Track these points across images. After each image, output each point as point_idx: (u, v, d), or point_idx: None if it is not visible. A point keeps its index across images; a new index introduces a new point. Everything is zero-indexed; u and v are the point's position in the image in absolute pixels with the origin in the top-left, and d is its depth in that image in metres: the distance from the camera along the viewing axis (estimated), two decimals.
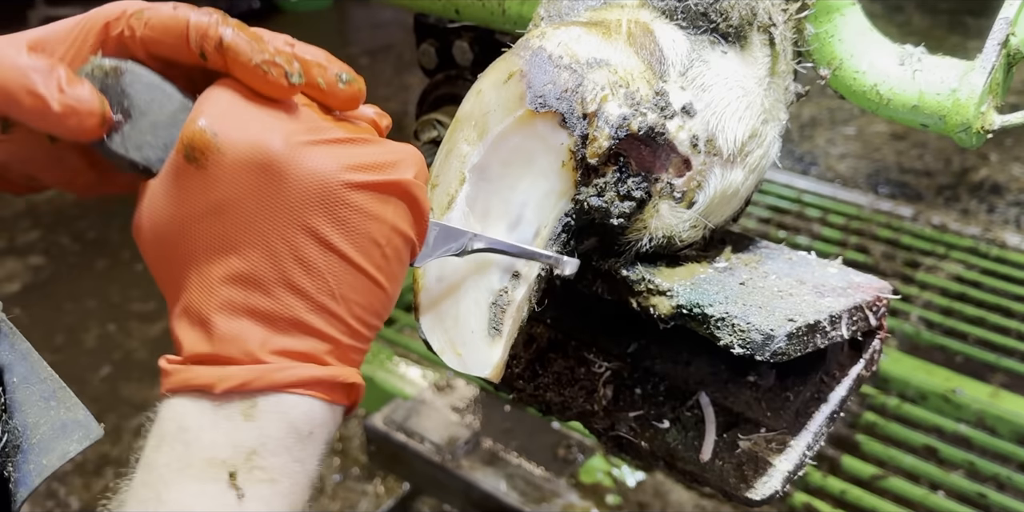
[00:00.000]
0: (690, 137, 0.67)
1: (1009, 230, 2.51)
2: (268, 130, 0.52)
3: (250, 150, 0.51)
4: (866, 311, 0.73)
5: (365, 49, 5.16)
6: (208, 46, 0.53)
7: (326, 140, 0.53)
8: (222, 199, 0.51)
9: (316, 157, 0.52)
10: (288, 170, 0.51)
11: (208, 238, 0.51)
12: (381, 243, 0.53)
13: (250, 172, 0.51)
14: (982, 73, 0.71)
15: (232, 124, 0.51)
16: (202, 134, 0.51)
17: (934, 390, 1.84)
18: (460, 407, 1.65)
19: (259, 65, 0.53)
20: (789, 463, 0.74)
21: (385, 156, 0.54)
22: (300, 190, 0.51)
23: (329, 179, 0.52)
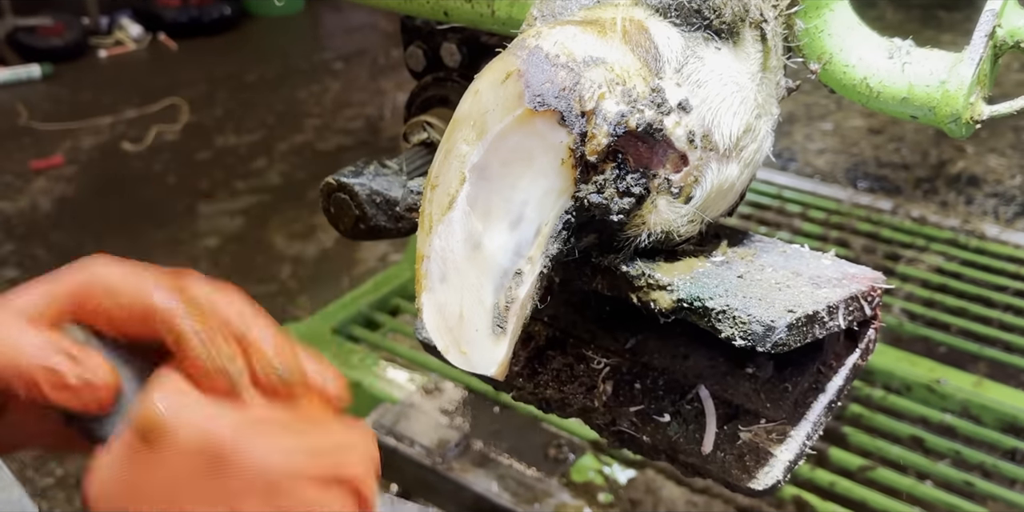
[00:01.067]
0: (687, 133, 0.68)
1: (987, 221, 2.54)
2: (218, 417, 0.54)
3: (199, 436, 0.53)
4: (861, 301, 0.74)
5: (339, 54, 5.15)
6: (167, 336, 0.55)
7: (272, 426, 0.55)
8: (168, 481, 0.53)
9: (266, 447, 0.53)
10: (235, 459, 0.53)
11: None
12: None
13: (197, 457, 0.53)
14: (970, 64, 0.72)
15: (183, 410, 0.53)
16: (155, 418, 0.53)
17: (918, 381, 1.86)
18: (449, 410, 1.65)
19: (209, 370, 0.55)
20: (790, 453, 0.74)
21: (333, 442, 0.56)
22: (242, 479, 0.53)
23: (274, 471, 0.53)
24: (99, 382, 0.54)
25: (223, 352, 0.56)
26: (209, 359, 0.55)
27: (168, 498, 0.53)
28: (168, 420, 0.53)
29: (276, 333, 0.59)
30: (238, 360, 0.56)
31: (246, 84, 4.77)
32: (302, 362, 0.59)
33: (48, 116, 4.41)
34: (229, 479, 0.52)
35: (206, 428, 0.53)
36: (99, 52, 5.23)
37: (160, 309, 0.55)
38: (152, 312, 0.55)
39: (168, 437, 0.53)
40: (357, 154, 3.86)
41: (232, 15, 5.50)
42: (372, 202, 0.91)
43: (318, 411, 0.60)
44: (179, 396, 0.54)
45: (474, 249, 0.66)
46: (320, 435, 0.57)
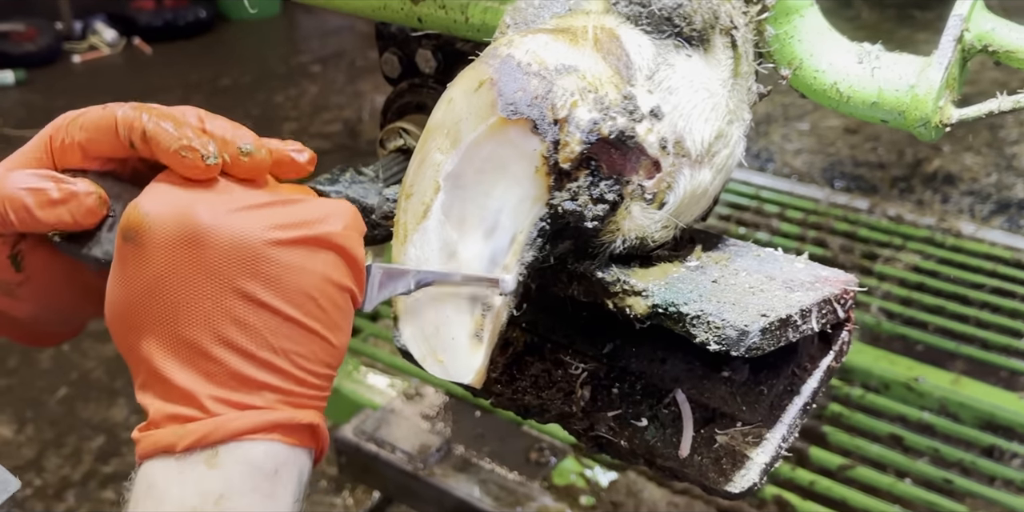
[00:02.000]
0: (659, 139, 0.68)
1: (963, 219, 2.56)
2: (193, 204, 0.56)
3: (175, 224, 0.55)
4: (834, 304, 0.74)
5: (316, 57, 5.13)
6: (135, 137, 0.58)
7: (249, 206, 0.57)
8: (157, 273, 0.55)
9: (238, 222, 0.56)
10: (211, 238, 0.55)
11: (151, 311, 0.56)
12: (314, 295, 0.56)
13: (178, 245, 0.55)
14: (939, 69, 0.73)
15: (162, 204, 0.56)
16: (136, 215, 0.55)
17: (897, 379, 1.88)
18: (430, 415, 1.65)
19: (178, 151, 0.57)
20: (766, 455, 0.75)
21: (310, 212, 0.58)
22: (225, 255, 0.55)
23: (252, 241, 0.55)
24: (82, 191, 0.58)
25: (186, 133, 0.58)
26: (174, 140, 0.57)
27: (159, 292, 0.55)
28: (144, 215, 0.55)
29: (234, 123, 0.62)
30: (209, 144, 0.58)
31: (222, 88, 4.75)
32: (263, 141, 0.62)
33: (21, 123, 4.37)
34: (211, 259, 0.54)
35: (180, 214, 0.55)
36: (73, 57, 5.20)
37: (122, 118, 0.59)
38: (116, 124, 0.59)
39: (147, 232, 0.55)
40: (336, 158, 3.84)
41: (207, 19, 5.47)
42: None
43: (297, 191, 0.63)
44: (161, 193, 0.57)
45: (449, 258, 0.67)
46: (295, 205, 0.59)
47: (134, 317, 0.56)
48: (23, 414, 2.45)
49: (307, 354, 0.57)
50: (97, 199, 0.59)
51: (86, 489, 2.19)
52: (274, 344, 0.55)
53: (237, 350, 0.55)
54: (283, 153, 0.64)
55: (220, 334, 0.55)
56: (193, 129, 0.59)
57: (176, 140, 0.58)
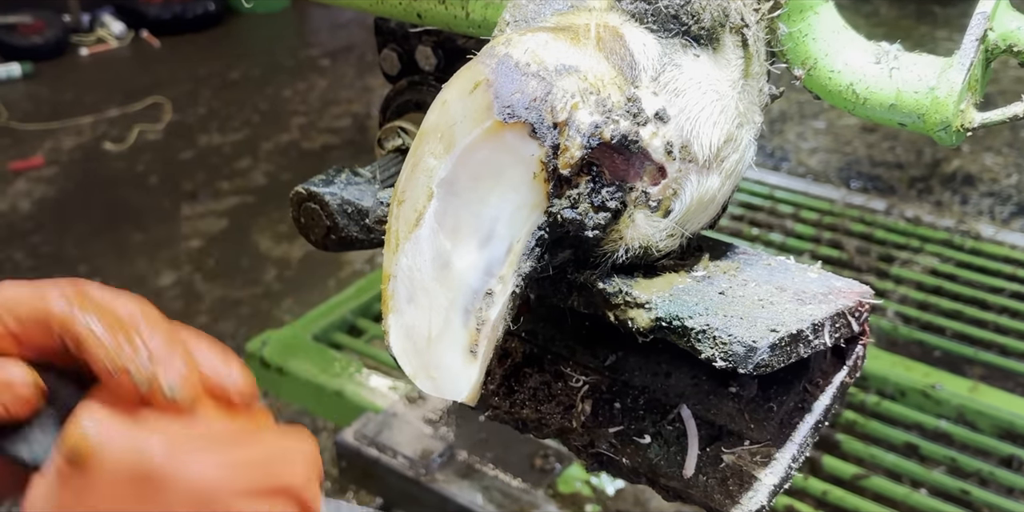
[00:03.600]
0: (664, 144, 0.65)
1: (983, 221, 2.52)
2: (148, 436, 0.52)
3: (128, 458, 0.51)
4: (848, 317, 0.71)
5: (325, 51, 5.12)
6: (68, 340, 0.53)
7: (207, 443, 0.53)
8: (100, 504, 0.51)
9: (198, 464, 0.51)
10: (168, 479, 0.51)
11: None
12: None
13: (130, 480, 0.51)
14: (960, 70, 0.70)
15: (112, 429, 0.52)
16: (84, 439, 0.51)
17: (913, 386, 1.84)
18: (433, 419, 1.62)
19: (109, 370, 0.52)
20: (775, 476, 0.72)
21: (272, 454, 0.54)
22: (180, 499, 0.51)
23: (211, 487, 0.51)
24: (18, 380, 0.52)
25: (121, 347, 0.53)
26: (107, 356, 0.52)
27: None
28: (94, 443, 0.51)
29: (172, 338, 0.56)
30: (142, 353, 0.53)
31: (230, 82, 4.73)
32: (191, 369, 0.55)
33: (28, 116, 4.37)
34: (162, 499, 0.50)
35: (134, 448, 0.51)
36: (80, 50, 5.18)
37: (57, 315, 0.53)
38: (50, 319, 0.53)
39: (95, 461, 0.51)
40: (344, 153, 3.83)
41: (216, 11, 5.45)
42: (343, 212, 0.88)
43: (257, 418, 0.58)
44: (107, 417, 0.52)
45: (442, 268, 0.64)
46: (255, 445, 0.55)
47: None
48: None
49: None
50: (33, 389, 0.53)
51: None
52: None
53: None
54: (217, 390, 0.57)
55: None
56: (129, 339, 0.53)
57: (109, 357, 0.52)
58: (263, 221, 3.41)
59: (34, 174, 3.92)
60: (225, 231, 3.41)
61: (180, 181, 3.83)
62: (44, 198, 3.74)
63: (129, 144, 4.15)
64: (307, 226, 0.90)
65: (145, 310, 0.56)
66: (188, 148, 4.07)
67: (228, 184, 3.75)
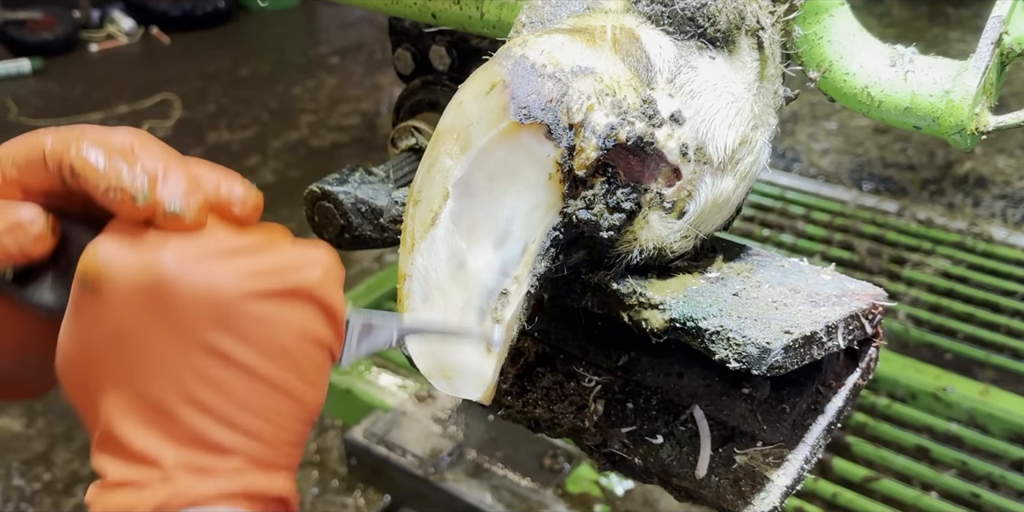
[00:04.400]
0: (679, 145, 0.65)
1: (995, 224, 2.50)
2: (157, 251, 0.51)
3: (139, 274, 0.50)
4: (862, 319, 0.71)
5: (335, 48, 5.12)
6: (65, 173, 0.52)
7: (219, 252, 0.52)
8: (118, 327, 0.50)
9: (209, 271, 0.51)
10: (180, 289, 0.50)
11: (110, 367, 0.51)
12: (290, 351, 0.52)
13: (142, 296, 0.50)
14: (976, 73, 0.70)
15: (122, 250, 0.51)
16: (95, 262, 0.51)
17: (924, 389, 1.83)
18: (442, 418, 1.62)
19: (105, 190, 0.51)
20: (787, 477, 0.72)
21: (286, 260, 0.53)
22: (193, 308, 0.50)
23: (223, 292, 0.51)
24: (27, 219, 0.52)
25: (116, 168, 0.52)
26: (101, 178, 0.51)
27: (120, 346, 0.50)
28: (103, 264, 0.50)
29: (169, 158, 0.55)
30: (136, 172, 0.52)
31: (239, 79, 4.74)
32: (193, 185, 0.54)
33: (38, 111, 4.38)
34: (179, 312, 0.50)
35: (145, 263, 0.50)
36: (90, 46, 5.19)
37: (50, 151, 0.52)
38: (46, 156, 0.52)
39: (106, 282, 0.50)
40: (353, 151, 3.83)
41: (226, 8, 5.45)
42: (357, 211, 0.88)
43: (271, 233, 0.57)
44: (120, 237, 0.51)
45: (458, 268, 0.64)
46: (267, 252, 0.53)
47: (90, 372, 0.52)
48: (33, 408, 2.45)
49: (281, 414, 0.53)
50: (44, 225, 0.53)
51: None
52: (246, 404, 0.51)
53: (205, 410, 0.51)
54: (221, 204, 0.56)
55: (187, 393, 0.50)
56: (126, 160, 0.53)
57: (103, 178, 0.51)
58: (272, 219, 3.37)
59: None
60: None
61: None
62: None
63: None
64: (321, 224, 0.90)
65: (142, 138, 0.55)
66: (197, 145, 4.07)
67: None
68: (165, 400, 0.50)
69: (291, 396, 0.53)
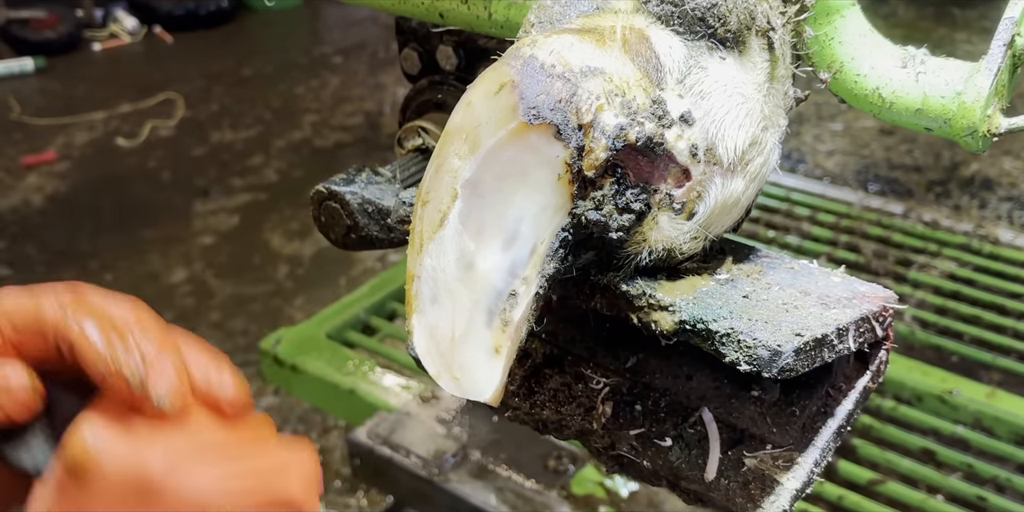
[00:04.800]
0: (689, 146, 0.65)
1: (1002, 226, 2.50)
2: (147, 448, 0.51)
3: (129, 470, 0.50)
4: (872, 322, 0.71)
5: (338, 48, 5.12)
6: (63, 347, 0.52)
7: (208, 456, 0.52)
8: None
9: (196, 477, 0.51)
10: (166, 491, 0.50)
11: None
12: None
13: (129, 492, 0.50)
14: (987, 75, 0.69)
15: (111, 440, 0.51)
16: (84, 450, 0.50)
17: (930, 391, 1.83)
18: (446, 419, 1.61)
19: (103, 375, 0.51)
20: (797, 481, 0.72)
21: (271, 469, 0.54)
22: (177, 510, 0.50)
23: (210, 501, 0.51)
24: (15, 383, 0.52)
25: (115, 352, 0.52)
26: (100, 360, 0.51)
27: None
28: (94, 454, 0.50)
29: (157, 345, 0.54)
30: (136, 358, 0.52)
31: (243, 79, 4.73)
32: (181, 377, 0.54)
33: (41, 111, 4.39)
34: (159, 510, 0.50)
35: (135, 460, 0.50)
36: (93, 45, 5.18)
37: (50, 320, 0.52)
38: (44, 325, 0.52)
39: (95, 473, 0.50)
40: (356, 151, 3.83)
41: (229, 8, 5.45)
42: (364, 211, 0.88)
43: (256, 427, 0.57)
44: (106, 428, 0.51)
45: (466, 269, 0.63)
46: (256, 457, 0.54)
47: None
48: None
49: None
50: (32, 393, 0.52)
51: None
52: None
53: None
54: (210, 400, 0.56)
55: None
56: (123, 343, 0.52)
57: (102, 361, 0.51)
58: (275, 218, 3.41)
59: (46, 169, 3.94)
60: (237, 228, 3.42)
61: (192, 178, 3.84)
62: (56, 193, 3.75)
63: (141, 140, 4.16)
64: (327, 225, 0.90)
65: (139, 313, 0.55)
66: (200, 145, 4.08)
67: (240, 181, 3.75)
68: None
69: None
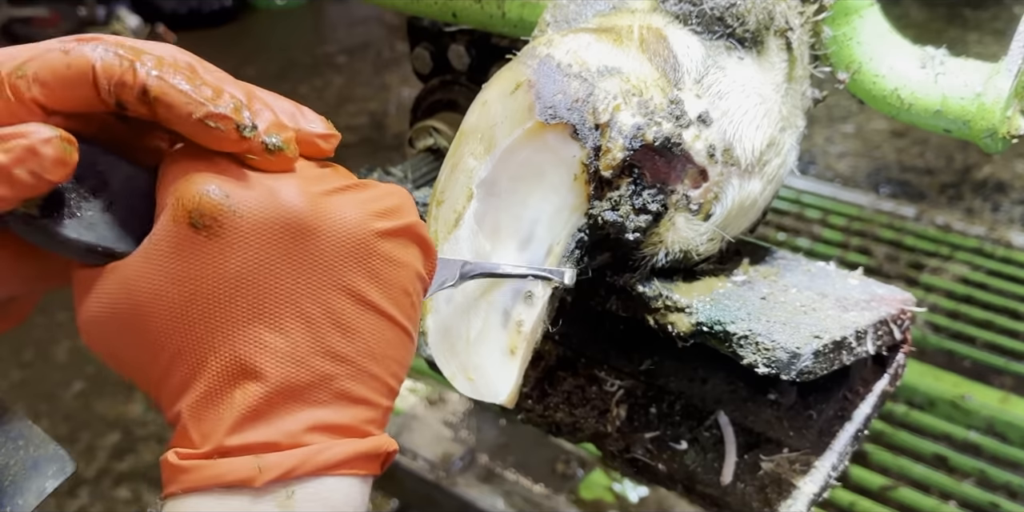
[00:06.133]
0: (707, 147, 0.64)
1: (1015, 229, 2.47)
2: (281, 185, 0.46)
3: (272, 209, 0.45)
4: (891, 325, 0.70)
5: (342, 47, 5.10)
6: (129, 96, 0.45)
7: (336, 189, 0.48)
8: (243, 268, 0.45)
9: (340, 208, 0.47)
10: (316, 224, 0.46)
11: (225, 314, 0.45)
12: (410, 291, 0.49)
13: (274, 233, 0.45)
14: (1008, 76, 0.69)
15: (240, 183, 0.46)
16: (209, 198, 0.45)
17: (942, 396, 1.81)
18: (453, 422, 1.60)
19: (202, 119, 0.45)
20: (814, 485, 0.71)
21: (392, 199, 0.50)
22: (333, 246, 0.46)
23: (359, 230, 0.47)
24: (37, 139, 0.43)
25: (207, 94, 0.45)
26: (196, 104, 0.45)
27: (243, 291, 0.45)
28: (222, 201, 0.45)
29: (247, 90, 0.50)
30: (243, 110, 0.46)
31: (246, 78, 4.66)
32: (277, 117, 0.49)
33: None
34: (316, 250, 0.46)
35: (274, 198, 0.46)
36: None
37: (104, 69, 0.44)
38: (94, 76, 0.44)
39: (231, 220, 0.45)
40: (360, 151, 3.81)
41: (232, 6, 5.44)
42: None
43: (346, 172, 0.53)
44: (220, 169, 0.46)
45: None
46: (370, 188, 0.50)
47: (191, 320, 0.45)
48: (37, 408, 2.43)
49: (399, 358, 0.49)
50: (60, 142, 0.43)
51: (99, 487, 2.17)
52: (375, 350, 0.47)
53: (338, 359, 0.46)
54: (305, 139, 0.51)
55: (321, 340, 0.46)
56: (212, 87, 0.46)
57: (199, 105, 0.45)
58: None
59: None
60: None
61: None
62: None
63: None
64: None
65: (194, 57, 0.49)
66: None
67: None
68: (298, 348, 0.46)
69: (407, 340, 0.49)
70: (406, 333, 0.49)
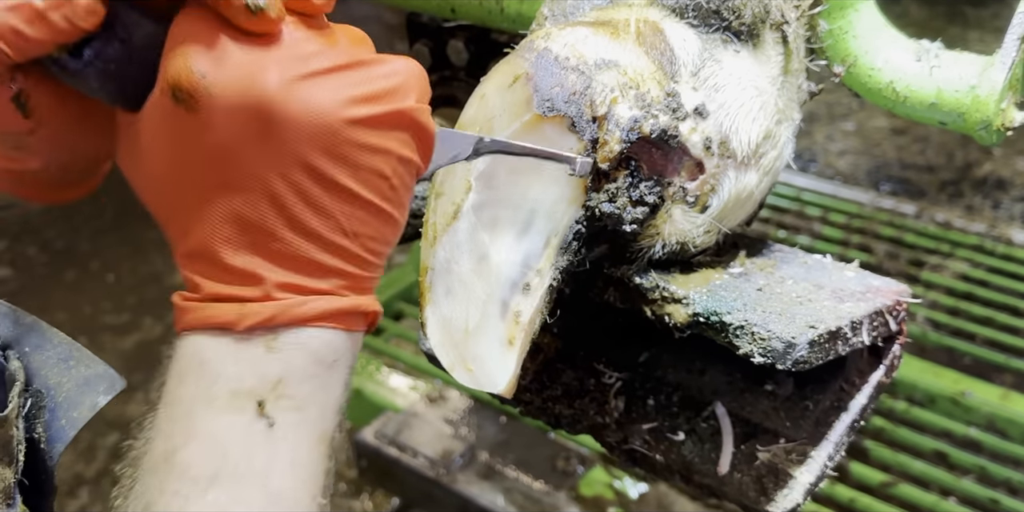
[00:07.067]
0: (703, 139, 0.65)
1: (1015, 226, 2.48)
2: (258, 67, 0.49)
3: (243, 92, 0.48)
4: (886, 316, 0.71)
5: None
6: None
7: (320, 71, 0.50)
8: (218, 144, 0.49)
9: (313, 94, 0.49)
10: (285, 111, 0.49)
11: (208, 183, 0.50)
12: (388, 175, 0.52)
13: (245, 115, 0.48)
14: (1002, 69, 0.69)
15: (219, 62, 0.48)
16: (189, 75, 0.48)
17: (942, 393, 1.81)
18: (454, 419, 1.61)
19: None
20: (810, 475, 0.71)
21: (384, 82, 0.51)
22: (299, 131, 0.49)
23: (328, 118, 0.49)
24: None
25: None
26: None
27: (219, 164, 0.49)
28: (199, 78, 0.48)
29: None
30: None
31: None
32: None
33: None
34: (283, 134, 0.49)
35: (247, 81, 0.48)
36: None
37: None
38: None
39: (205, 98, 0.48)
40: None
41: None
42: None
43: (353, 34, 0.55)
44: (210, 44, 0.49)
45: (480, 261, 0.64)
46: (363, 67, 0.52)
47: (183, 184, 0.51)
48: None
49: (375, 235, 0.53)
50: None
51: (99, 487, 2.18)
52: (346, 227, 0.51)
53: (307, 233, 0.51)
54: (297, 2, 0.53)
55: (290, 215, 0.50)
56: None
57: None
58: None
59: None
60: None
61: None
62: None
63: None
64: None
65: None
66: None
67: None
68: (267, 222, 0.50)
69: (384, 219, 0.53)
70: (381, 213, 0.52)
